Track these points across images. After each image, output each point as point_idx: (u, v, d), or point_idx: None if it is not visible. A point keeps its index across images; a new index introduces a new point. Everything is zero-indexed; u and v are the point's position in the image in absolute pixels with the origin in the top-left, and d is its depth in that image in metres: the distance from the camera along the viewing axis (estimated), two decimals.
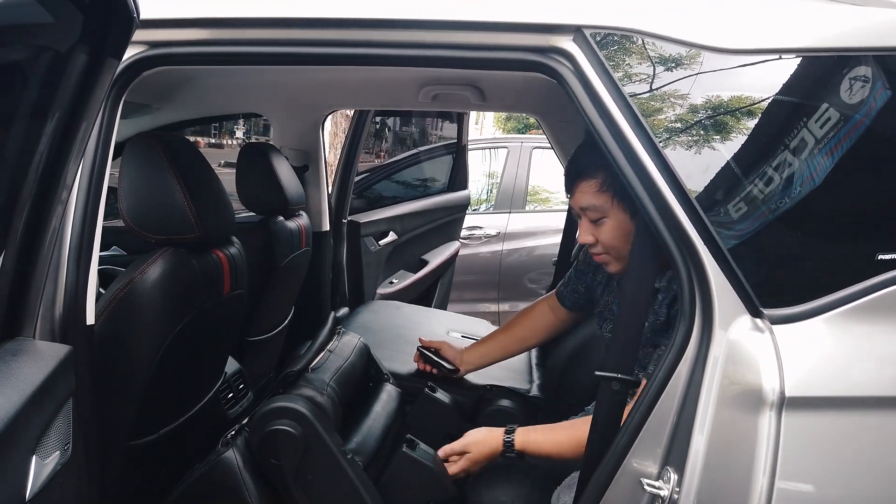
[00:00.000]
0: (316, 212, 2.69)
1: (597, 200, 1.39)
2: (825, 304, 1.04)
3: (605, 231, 1.41)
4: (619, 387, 1.21)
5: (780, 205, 1.09)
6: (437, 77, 1.83)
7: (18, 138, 0.93)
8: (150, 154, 1.35)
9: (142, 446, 1.43)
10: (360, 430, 1.54)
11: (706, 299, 1.06)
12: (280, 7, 1.16)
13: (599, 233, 1.42)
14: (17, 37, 0.93)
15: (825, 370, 1.03)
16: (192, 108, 2.50)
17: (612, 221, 1.39)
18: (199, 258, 1.42)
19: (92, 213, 1.15)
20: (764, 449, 0.96)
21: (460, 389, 1.92)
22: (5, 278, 0.95)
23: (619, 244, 1.40)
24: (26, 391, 0.86)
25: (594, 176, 1.39)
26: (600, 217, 1.40)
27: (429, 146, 4.25)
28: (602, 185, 1.38)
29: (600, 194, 1.38)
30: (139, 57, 1.19)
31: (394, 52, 1.18)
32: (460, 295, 4.35)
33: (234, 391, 1.96)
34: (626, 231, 1.39)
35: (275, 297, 2.24)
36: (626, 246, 1.39)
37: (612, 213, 1.39)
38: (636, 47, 1.14)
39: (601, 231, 1.41)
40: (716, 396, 1.01)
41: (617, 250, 1.41)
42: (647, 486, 1.07)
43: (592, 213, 1.41)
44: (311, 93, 2.38)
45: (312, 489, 1.37)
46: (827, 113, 1.08)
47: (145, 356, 1.33)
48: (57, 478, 0.92)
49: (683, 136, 1.13)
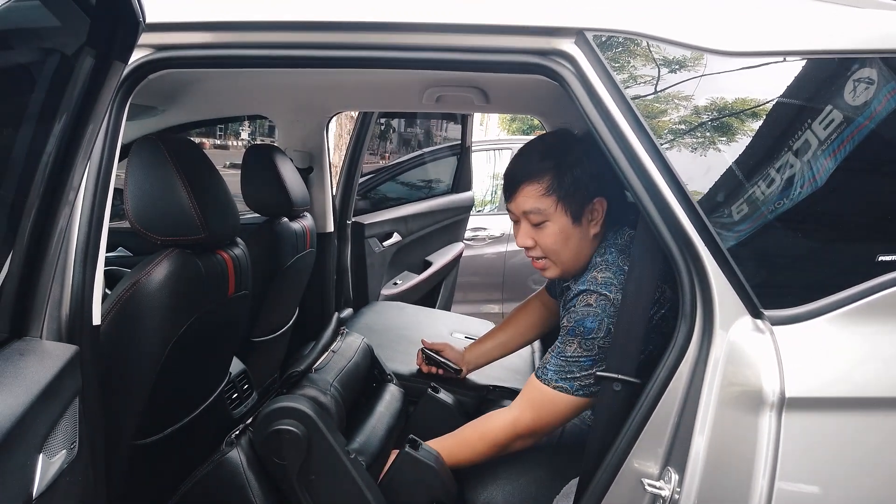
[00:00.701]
0: (320, 213, 2.71)
1: (541, 204, 1.39)
2: (826, 305, 1.04)
3: (546, 235, 1.41)
4: (619, 387, 1.21)
5: (780, 206, 1.09)
6: (441, 79, 1.84)
7: (26, 140, 0.94)
8: (155, 156, 1.36)
9: (147, 446, 1.44)
10: (364, 430, 1.55)
11: (707, 300, 1.07)
12: (284, 10, 1.18)
13: (540, 237, 1.42)
14: (25, 40, 0.94)
15: (826, 371, 1.03)
16: (197, 111, 2.52)
17: (554, 225, 1.40)
18: (205, 259, 1.43)
19: (98, 214, 1.16)
20: (764, 449, 0.97)
21: (463, 390, 1.92)
22: (13, 279, 0.96)
23: (559, 248, 1.41)
24: (33, 390, 0.87)
25: (540, 179, 1.39)
26: (542, 221, 1.41)
27: (433, 147, 4.26)
28: (548, 189, 1.39)
29: (545, 198, 1.39)
30: (145, 60, 1.20)
31: (398, 54, 1.19)
32: (464, 296, 4.36)
33: (239, 391, 1.97)
34: (567, 235, 1.40)
35: (279, 298, 2.25)
36: (565, 250, 1.42)
37: (554, 216, 1.40)
38: (638, 50, 1.14)
39: (542, 235, 1.42)
40: (716, 397, 1.01)
41: (557, 254, 1.42)
42: (648, 487, 1.08)
43: (535, 217, 1.41)
44: (315, 95, 2.39)
45: (316, 489, 1.38)
46: (830, 115, 1.08)
47: (151, 356, 1.34)
48: (63, 476, 0.93)
49: (685, 139, 1.14)
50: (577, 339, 1.33)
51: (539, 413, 1.38)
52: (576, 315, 1.34)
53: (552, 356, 1.38)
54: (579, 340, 1.33)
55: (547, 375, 1.37)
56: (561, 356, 1.36)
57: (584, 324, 1.32)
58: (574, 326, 1.34)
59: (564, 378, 1.35)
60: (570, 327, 1.35)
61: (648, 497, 1.12)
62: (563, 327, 1.38)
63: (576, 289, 1.38)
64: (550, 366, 1.37)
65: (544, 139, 1.50)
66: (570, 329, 1.35)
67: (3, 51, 0.95)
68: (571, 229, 1.40)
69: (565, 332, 1.37)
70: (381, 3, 1.16)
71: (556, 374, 1.36)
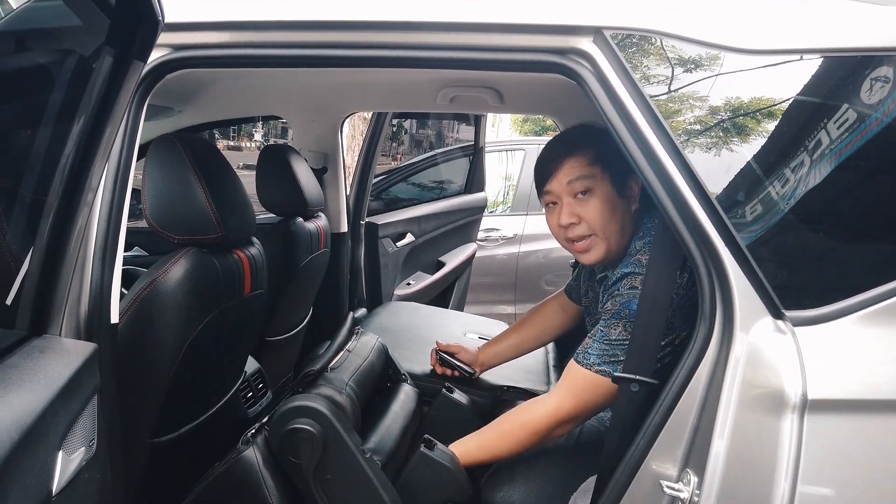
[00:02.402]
0: (334, 213, 2.71)
1: (587, 171, 1.39)
2: (849, 306, 1.03)
3: (591, 207, 1.40)
4: (637, 388, 1.20)
5: (801, 205, 1.08)
6: (456, 79, 1.83)
7: (46, 140, 0.95)
8: (173, 155, 1.36)
9: (164, 443, 1.45)
10: (379, 430, 1.55)
11: (727, 301, 1.06)
12: (301, 10, 1.18)
13: (585, 209, 1.40)
14: (45, 40, 0.95)
15: (849, 373, 1.01)
16: (213, 111, 2.53)
17: (601, 193, 1.39)
18: (221, 258, 1.44)
19: (117, 213, 1.17)
20: (786, 452, 0.95)
21: (477, 390, 1.92)
22: (32, 277, 0.97)
23: (606, 220, 1.40)
24: (53, 388, 0.88)
25: (584, 152, 1.40)
26: (588, 188, 1.40)
27: (446, 148, 4.25)
28: (593, 159, 1.39)
29: (590, 167, 1.39)
30: (163, 60, 1.21)
31: (413, 53, 1.19)
32: (477, 296, 4.35)
33: (254, 390, 1.98)
34: (613, 205, 1.39)
35: (294, 298, 2.26)
36: (612, 222, 1.40)
37: (600, 185, 1.39)
38: (656, 48, 1.14)
39: (587, 207, 1.40)
40: (737, 398, 1.00)
41: (603, 228, 1.40)
42: (666, 489, 1.07)
43: (580, 184, 1.40)
44: (330, 96, 2.40)
45: (331, 487, 1.38)
46: (848, 113, 1.07)
47: (168, 355, 1.35)
48: (82, 473, 0.94)
49: (704, 137, 1.13)
50: (622, 321, 1.32)
51: (581, 398, 1.36)
52: (621, 298, 1.33)
53: (594, 341, 1.36)
54: (624, 323, 1.31)
55: (589, 360, 1.35)
56: (605, 340, 1.34)
57: (630, 306, 1.30)
58: (619, 310, 1.32)
59: (608, 362, 1.33)
60: (614, 311, 1.33)
61: (667, 499, 1.11)
62: (607, 311, 1.36)
63: (619, 272, 1.36)
64: (593, 350, 1.35)
65: (581, 126, 1.50)
66: (615, 312, 1.33)
67: (25, 51, 0.95)
68: (617, 200, 1.39)
69: (609, 316, 1.34)
70: (397, 2, 1.16)
71: (598, 358, 1.34)
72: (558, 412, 1.38)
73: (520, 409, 1.45)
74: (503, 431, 1.44)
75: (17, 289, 0.95)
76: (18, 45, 0.95)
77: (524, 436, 1.41)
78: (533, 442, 1.41)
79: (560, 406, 1.38)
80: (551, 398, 1.40)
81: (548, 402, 1.40)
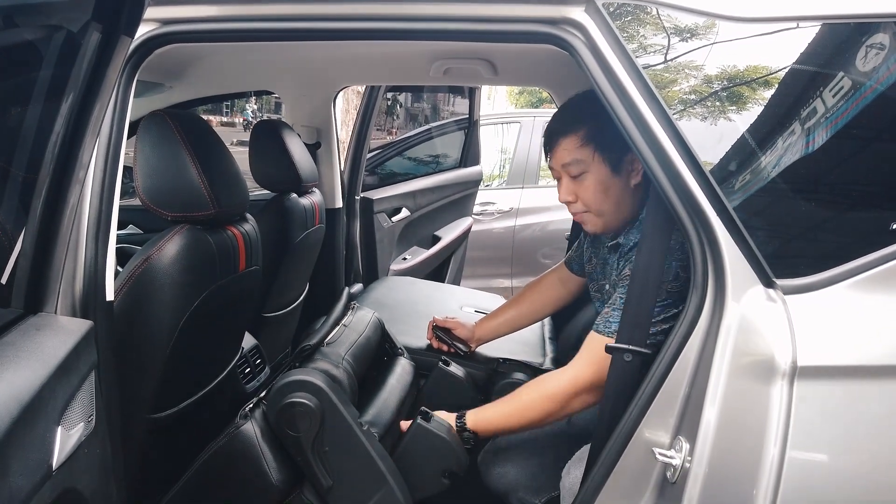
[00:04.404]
0: (329, 188, 2.70)
1: (579, 155, 1.39)
2: (838, 274, 1.04)
3: (585, 187, 1.41)
4: (630, 358, 1.22)
5: (792, 174, 1.08)
6: (449, 51, 1.82)
7: (35, 118, 0.94)
8: (164, 132, 1.36)
9: (162, 419, 1.47)
10: (376, 403, 1.57)
11: (719, 270, 1.06)
12: None
13: (580, 190, 1.42)
14: (30, 16, 0.94)
15: (838, 339, 1.03)
16: (204, 87, 2.51)
17: (593, 176, 1.40)
18: (215, 235, 1.44)
19: (109, 191, 1.17)
20: (776, 418, 0.97)
21: (474, 363, 1.93)
22: (26, 256, 0.97)
23: (599, 200, 1.41)
24: (51, 364, 0.89)
25: (576, 130, 1.40)
26: (581, 172, 1.40)
27: (440, 122, 4.22)
28: (584, 139, 1.39)
29: (582, 149, 1.39)
30: (151, 34, 1.19)
31: (405, 25, 1.17)
32: (473, 270, 4.36)
33: (252, 366, 1.99)
34: (606, 186, 1.40)
35: (290, 274, 2.27)
36: (606, 201, 1.41)
37: (593, 167, 1.39)
38: (650, 17, 1.13)
39: (582, 188, 1.42)
40: (728, 366, 1.01)
41: (598, 206, 1.42)
42: (659, 456, 1.09)
43: (574, 168, 1.41)
44: (322, 69, 2.37)
45: (329, 460, 1.40)
46: (842, 81, 1.07)
47: (164, 331, 1.36)
48: (81, 448, 0.95)
49: (696, 108, 1.13)
50: None
51: (602, 366, 1.33)
52: None
53: (613, 309, 1.36)
54: None
55: (610, 328, 1.34)
56: None
57: None
58: None
59: None
60: None
61: (659, 466, 1.13)
62: (625, 277, 1.35)
63: (634, 239, 1.37)
64: (613, 318, 1.34)
65: (579, 96, 1.49)
66: None
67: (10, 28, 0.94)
68: (611, 180, 1.39)
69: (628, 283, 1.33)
70: None
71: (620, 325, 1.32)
72: (577, 380, 1.37)
73: (538, 380, 1.45)
74: (522, 401, 1.43)
75: (11, 267, 0.95)
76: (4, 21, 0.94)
77: (543, 404, 1.40)
78: (551, 411, 1.40)
79: (578, 374, 1.38)
80: (570, 368, 1.40)
81: (567, 370, 1.40)
